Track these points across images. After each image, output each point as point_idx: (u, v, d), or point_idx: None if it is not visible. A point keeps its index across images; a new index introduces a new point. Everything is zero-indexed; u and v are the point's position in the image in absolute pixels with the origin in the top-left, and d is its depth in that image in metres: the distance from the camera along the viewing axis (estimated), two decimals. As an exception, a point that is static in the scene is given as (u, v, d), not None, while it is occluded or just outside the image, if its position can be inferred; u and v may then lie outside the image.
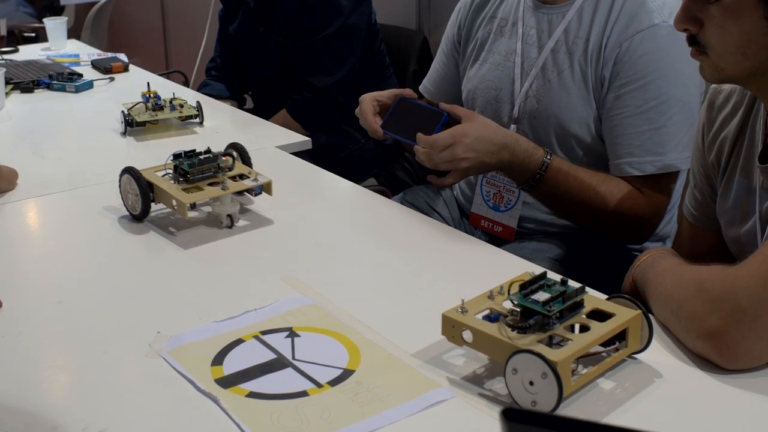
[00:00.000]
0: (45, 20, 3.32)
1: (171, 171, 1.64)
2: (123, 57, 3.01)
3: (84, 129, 2.32)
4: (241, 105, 3.03)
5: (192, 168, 1.61)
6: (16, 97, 2.59)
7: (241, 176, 1.65)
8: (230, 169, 1.65)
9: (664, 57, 1.70)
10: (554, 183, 1.70)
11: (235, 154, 1.74)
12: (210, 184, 1.61)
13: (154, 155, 1.95)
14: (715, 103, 1.43)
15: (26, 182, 1.85)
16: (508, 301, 1.13)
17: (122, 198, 1.66)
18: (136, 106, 2.21)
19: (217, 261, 1.50)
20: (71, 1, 4.12)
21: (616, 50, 1.73)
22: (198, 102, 2.29)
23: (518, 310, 1.10)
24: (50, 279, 1.46)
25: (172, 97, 2.26)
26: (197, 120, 2.26)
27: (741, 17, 1.18)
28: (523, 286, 1.12)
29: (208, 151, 1.66)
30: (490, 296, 1.16)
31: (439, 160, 1.63)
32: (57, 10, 4.58)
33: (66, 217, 1.74)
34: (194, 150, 1.65)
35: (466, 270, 1.48)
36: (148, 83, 2.31)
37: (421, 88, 2.16)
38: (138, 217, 1.62)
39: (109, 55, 3.09)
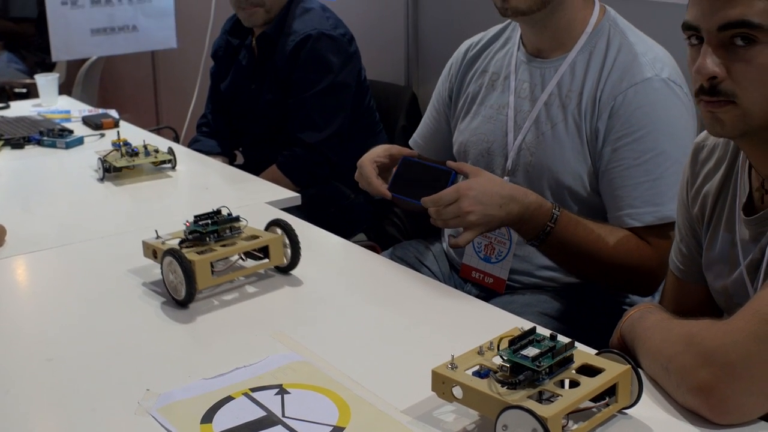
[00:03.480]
0: (36, 76, 3.34)
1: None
2: (114, 113, 3.03)
3: (74, 185, 2.33)
4: (231, 161, 3.04)
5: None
6: (7, 153, 2.60)
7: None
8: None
9: (658, 110, 1.73)
10: (564, 235, 1.69)
11: (279, 231, 1.67)
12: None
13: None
14: (698, 158, 1.44)
15: (15, 239, 1.85)
16: (498, 357, 1.13)
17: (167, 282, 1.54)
18: (111, 153, 2.32)
19: (207, 318, 1.50)
20: (63, 57, 4.15)
21: (610, 103, 1.75)
22: (170, 147, 2.42)
23: (508, 365, 1.10)
24: (39, 336, 1.45)
25: (144, 143, 2.39)
26: (170, 165, 2.38)
27: None
28: (512, 342, 1.12)
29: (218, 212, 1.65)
30: (480, 352, 1.16)
31: (447, 215, 1.62)
32: (48, 67, 4.61)
33: (55, 274, 1.74)
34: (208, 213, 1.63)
35: (456, 325, 1.48)
36: (118, 132, 2.50)
37: (411, 142, 2.18)
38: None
39: (100, 111, 3.10)
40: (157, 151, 2.37)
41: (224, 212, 1.64)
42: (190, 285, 1.48)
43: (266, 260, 1.62)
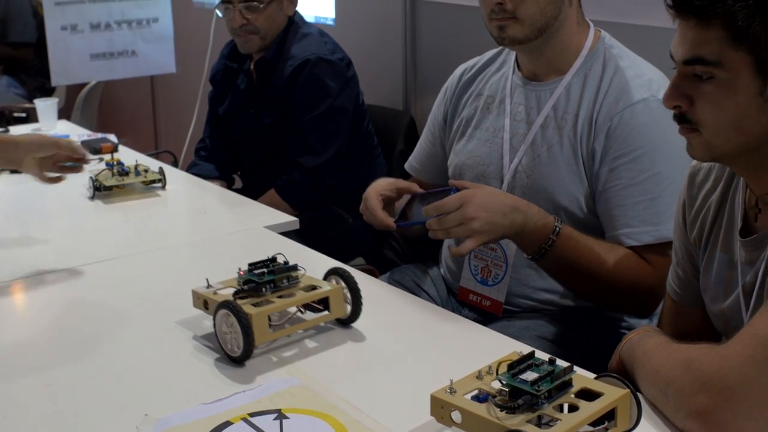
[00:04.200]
0: (36, 101, 3.34)
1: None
2: (113, 137, 3.03)
3: (72, 210, 2.33)
4: (230, 185, 3.05)
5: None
6: (6, 177, 2.60)
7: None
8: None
9: (655, 130, 1.73)
10: (565, 249, 1.70)
11: (342, 282, 1.54)
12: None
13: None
14: (695, 180, 1.45)
15: (13, 263, 1.85)
16: (497, 381, 1.13)
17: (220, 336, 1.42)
18: (102, 173, 2.37)
19: (205, 342, 1.50)
20: (62, 82, 4.16)
21: (606, 124, 1.76)
22: (160, 167, 2.46)
23: (507, 390, 1.10)
24: (37, 362, 1.45)
25: (136, 163, 2.44)
26: (160, 184, 2.42)
27: (736, 93, 1.20)
28: (511, 366, 1.12)
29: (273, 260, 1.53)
30: (479, 376, 1.16)
31: (450, 223, 1.61)
32: (48, 91, 4.62)
33: (53, 299, 1.73)
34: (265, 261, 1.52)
35: (455, 349, 1.48)
36: (112, 154, 2.52)
37: (406, 165, 2.19)
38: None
39: (99, 135, 3.11)
40: (147, 170, 2.41)
41: (280, 260, 1.52)
42: (248, 341, 1.37)
43: (326, 312, 1.50)
